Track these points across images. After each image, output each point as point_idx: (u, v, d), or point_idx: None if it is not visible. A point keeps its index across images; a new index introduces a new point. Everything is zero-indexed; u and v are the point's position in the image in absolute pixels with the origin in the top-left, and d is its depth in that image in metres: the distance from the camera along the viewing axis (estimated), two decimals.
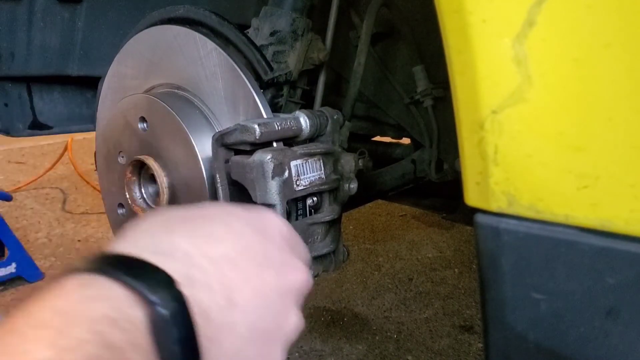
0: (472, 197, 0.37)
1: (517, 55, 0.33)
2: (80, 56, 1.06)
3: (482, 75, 0.34)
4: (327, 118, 0.68)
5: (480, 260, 0.38)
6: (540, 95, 0.33)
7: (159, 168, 0.68)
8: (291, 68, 0.76)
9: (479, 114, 0.35)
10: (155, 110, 0.69)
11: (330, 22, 0.84)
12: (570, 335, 0.35)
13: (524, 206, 0.34)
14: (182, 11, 0.73)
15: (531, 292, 0.35)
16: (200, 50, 0.67)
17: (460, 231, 2.27)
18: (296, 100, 0.80)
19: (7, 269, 1.77)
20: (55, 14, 1.00)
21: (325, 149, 0.67)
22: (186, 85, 0.70)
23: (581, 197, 0.33)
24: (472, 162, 0.36)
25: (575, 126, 0.32)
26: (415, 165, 1.03)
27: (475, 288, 1.76)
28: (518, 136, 0.34)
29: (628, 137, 0.31)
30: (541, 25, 0.32)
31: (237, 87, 0.65)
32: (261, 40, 0.76)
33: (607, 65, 0.31)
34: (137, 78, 0.76)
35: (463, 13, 0.34)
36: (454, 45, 0.36)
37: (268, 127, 0.59)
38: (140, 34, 0.75)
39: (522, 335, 0.37)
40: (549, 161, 0.33)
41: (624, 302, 0.32)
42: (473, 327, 1.53)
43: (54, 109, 1.17)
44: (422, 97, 0.98)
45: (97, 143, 0.82)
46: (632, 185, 0.31)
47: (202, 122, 0.68)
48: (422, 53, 0.97)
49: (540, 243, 0.34)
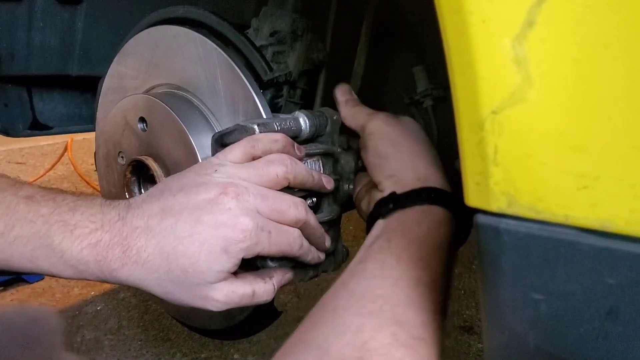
0: (472, 197, 0.37)
1: (517, 56, 0.33)
2: (80, 56, 1.06)
3: (482, 75, 0.34)
4: (327, 118, 0.68)
5: (480, 261, 0.38)
6: (540, 96, 0.33)
7: (158, 168, 0.68)
8: (291, 68, 0.76)
9: (478, 115, 0.35)
10: (154, 111, 0.69)
11: (330, 22, 0.84)
12: (570, 336, 0.35)
13: (524, 206, 0.34)
14: (182, 11, 0.73)
15: (531, 293, 0.35)
16: (200, 50, 0.67)
17: None
18: (296, 100, 0.80)
19: None
20: (55, 14, 1.00)
21: (325, 149, 0.67)
22: (186, 86, 0.70)
23: (581, 197, 0.32)
24: (472, 162, 0.36)
25: (575, 126, 0.32)
26: None
27: (475, 288, 1.75)
28: (518, 136, 0.34)
29: (628, 137, 0.31)
30: (541, 26, 0.32)
31: (236, 88, 0.65)
32: (261, 40, 0.76)
33: (607, 66, 0.31)
34: (137, 78, 0.76)
35: (463, 13, 0.34)
36: (453, 46, 0.36)
37: (267, 127, 0.59)
38: (140, 34, 0.75)
39: (522, 335, 0.37)
40: (548, 161, 0.33)
41: (624, 302, 0.32)
42: (473, 328, 1.53)
43: (53, 109, 1.17)
44: (422, 98, 0.98)
45: (97, 143, 0.82)
46: (632, 185, 0.31)
47: (202, 123, 0.68)
48: (422, 53, 0.97)
49: (540, 243, 0.34)
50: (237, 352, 1.44)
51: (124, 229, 0.49)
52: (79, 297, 1.77)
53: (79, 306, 1.71)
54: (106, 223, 0.49)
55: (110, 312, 1.66)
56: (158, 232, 0.49)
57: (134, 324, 1.60)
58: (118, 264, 0.49)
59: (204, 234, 0.49)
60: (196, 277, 0.49)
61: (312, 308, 0.51)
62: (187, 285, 0.50)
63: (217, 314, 0.53)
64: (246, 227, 0.49)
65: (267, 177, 0.54)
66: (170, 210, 0.50)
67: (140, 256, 0.49)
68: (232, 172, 0.53)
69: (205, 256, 0.49)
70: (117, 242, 0.49)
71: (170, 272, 0.49)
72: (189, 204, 0.50)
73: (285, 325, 1.56)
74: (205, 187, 0.51)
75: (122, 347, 1.48)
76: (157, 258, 0.49)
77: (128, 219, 0.50)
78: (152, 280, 0.50)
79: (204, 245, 0.49)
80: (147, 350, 1.46)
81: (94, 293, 1.80)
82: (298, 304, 1.62)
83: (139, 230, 0.49)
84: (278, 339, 1.50)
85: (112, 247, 0.49)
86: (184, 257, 0.49)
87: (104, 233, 0.49)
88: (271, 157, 0.56)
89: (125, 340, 1.51)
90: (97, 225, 0.49)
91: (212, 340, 1.47)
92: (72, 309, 1.69)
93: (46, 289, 1.82)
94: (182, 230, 0.49)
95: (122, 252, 0.49)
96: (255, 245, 0.50)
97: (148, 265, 0.49)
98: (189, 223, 0.49)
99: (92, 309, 1.69)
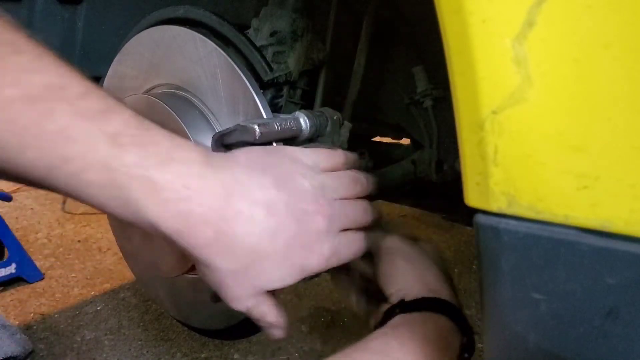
0: (472, 197, 0.37)
1: (517, 56, 0.33)
2: (80, 56, 1.06)
3: (482, 75, 0.34)
4: (327, 119, 0.68)
5: (480, 261, 0.38)
6: (540, 96, 0.33)
7: None
8: (291, 68, 0.76)
9: (478, 115, 0.35)
10: (155, 111, 0.69)
11: (330, 22, 0.84)
12: (570, 336, 0.35)
13: (524, 206, 0.34)
14: (182, 11, 0.73)
15: (531, 293, 0.35)
16: (200, 50, 0.67)
17: (460, 231, 2.27)
18: (296, 100, 0.80)
19: (7, 270, 1.78)
20: (55, 14, 1.00)
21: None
22: (186, 86, 0.70)
23: (581, 197, 0.32)
24: (472, 162, 0.36)
25: (575, 126, 0.32)
26: (415, 166, 1.02)
27: (475, 288, 1.75)
28: (518, 136, 0.34)
29: (628, 137, 0.31)
30: (541, 26, 0.32)
31: (236, 88, 0.65)
32: (261, 40, 0.76)
33: (607, 66, 0.31)
34: (137, 78, 0.76)
35: (463, 13, 0.34)
36: (453, 46, 0.36)
37: (268, 127, 0.59)
38: (140, 34, 0.75)
39: (522, 335, 0.37)
40: (548, 161, 0.33)
41: (624, 302, 0.32)
42: (473, 328, 1.53)
43: None
44: (422, 98, 0.98)
45: None
46: (632, 185, 0.31)
47: (202, 123, 0.68)
48: (422, 53, 0.97)
49: (540, 243, 0.34)
50: (237, 352, 1.44)
51: (227, 211, 0.45)
52: (79, 297, 1.77)
53: (79, 306, 1.71)
54: (205, 194, 0.44)
55: (110, 312, 1.66)
56: (259, 230, 0.47)
57: (134, 324, 1.60)
58: (203, 242, 0.45)
59: (292, 250, 0.49)
60: (263, 282, 0.50)
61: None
62: (248, 284, 0.49)
63: (217, 314, 0.53)
64: (325, 255, 0.51)
65: (351, 193, 0.57)
66: (274, 206, 0.48)
67: (231, 245, 0.46)
68: (326, 183, 0.54)
69: (285, 270, 0.50)
70: (212, 222, 0.44)
71: (246, 271, 0.48)
72: (290, 208, 0.49)
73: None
74: (304, 195, 0.51)
75: (122, 347, 1.48)
76: (245, 255, 0.47)
77: (234, 200, 0.45)
78: (226, 270, 0.47)
79: (287, 260, 0.49)
80: (147, 350, 1.46)
81: (94, 293, 1.80)
82: (298, 304, 1.62)
83: (242, 217, 0.46)
84: (278, 339, 1.50)
85: (205, 225, 0.44)
86: (267, 260, 0.48)
87: (199, 206, 0.43)
88: (355, 176, 0.58)
89: (125, 340, 1.51)
90: (190, 192, 0.43)
91: (212, 340, 1.47)
92: (72, 309, 1.69)
93: (46, 289, 1.82)
94: (280, 237, 0.48)
95: (215, 234, 0.45)
96: (323, 268, 0.53)
97: (232, 257, 0.46)
98: (286, 232, 0.49)
99: (92, 309, 1.69)
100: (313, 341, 1.49)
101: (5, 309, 1.68)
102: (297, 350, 1.45)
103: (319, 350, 1.45)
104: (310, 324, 1.55)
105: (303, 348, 1.46)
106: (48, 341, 1.51)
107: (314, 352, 1.44)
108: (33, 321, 1.62)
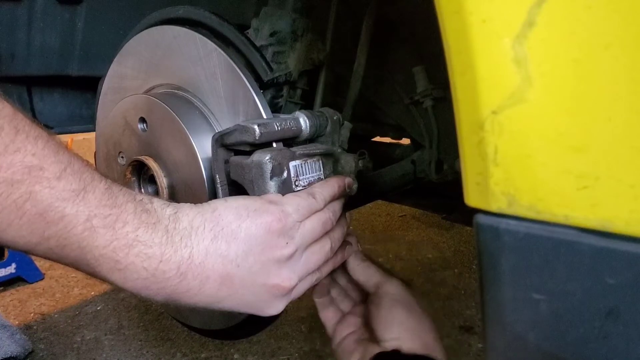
0: (472, 197, 0.37)
1: (517, 56, 0.33)
2: (80, 56, 1.06)
3: (482, 75, 0.34)
4: (327, 119, 0.68)
5: (480, 261, 0.38)
6: (540, 96, 0.33)
7: (158, 169, 0.68)
8: (291, 68, 0.76)
9: (478, 115, 0.35)
10: (155, 111, 0.69)
11: (330, 23, 0.84)
12: (570, 336, 0.35)
13: (524, 206, 0.34)
14: (182, 12, 0.73)
15: (531, 293, 0.35)
16: (200, 50, 0.67)
17: (460, 232, 2.27)
18: (296, 100, 0.80)
19: (7, 270, 1.78)
20: (55, 15, 1.00)
21: (325, 149, 0.67)
22: (186, 86, 0.70)
23: (581, 197, 0.33)
24: (472, 162, 0.36)
25: (575, 126, 0.32)
26: (415, 166, 1.02)
27: (475, 288, 1.75)
28: (518, 137, 0.34)
29: (628, 138, 0.31)
30: (541, 26, 0.32)
31: (236, 88, 0.65)
32: (261, 40, 0.76)
33: (607, 66, 0.31)
34: (137, 78, 0.76)
35: (463, 13, 0.34)
36: (453, 46, 0.36)
37: (268, 127, 0.59)
38: (140, 35, 0.75)
39: (522, 335, 0.37)
40: (548, 161, 0.33)
41: (624, 302, 0.32)
42: (473, 328, 1.53)
43: (54, 109, 1.17)
44: (422, 98, 0.98)
45: (97, 143, 0.82)
46: (632, 185, 0.31)
47: (202, 123, 0.68)
48: (422, 53, 0.97)
49: (540, 243, 0.34)
50: (237, 352, 1.44)
51: (179, 287, 0.50)
52: (79, 297, 1.78)
53: (79, 306, 1.71)
54: (160, 275, 0.49)
55: (110, 312, 1.66)
56: (207, 302, 0.52)
57: (134, 324, 1.60)
58: (162, 301, 0.51)
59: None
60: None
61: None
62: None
63: (217, 313, 0.53)
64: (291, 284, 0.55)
65: (319, 234, 0.59)
66: (229, 281, 0.52)
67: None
68: (303, 241, 0.56)
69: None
70: (165, 294, 0.50)
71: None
72: (245, 283, 0.53)
73: (285, 325, 1.56)
74: (266, 270, 0.54)
75: (122, 347, 1.48)
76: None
77: (187, 278, 0.50)
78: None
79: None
80: (147, 350, 1.46)
81: (94, 293, 1.80)
82: (298, 304, 1.62)
83: (190, 292, 0.51)
84: (278, 339, 1.50)
85: (158, 297, 0.50)
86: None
87: (155, 284, 0.49)
88: (326, 218, 0.59)
89: (125, 340, 1.51)
90: (148, 274, 0.48)
91: (212, 340, 1.47)
92: (72, 309, 1.69)
93: (46, 289, 1.82)
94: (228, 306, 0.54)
95: (166, 301, 0.51)
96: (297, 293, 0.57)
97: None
98: (237, 300, 0.54)
99: (92, 309, 1.69)
100: (313, 341, 1.49)
101: (5, 309, 1.68)
102: (297, 350, 1.45)
103: (318, 350, 1.45)
104: (310, 324, 1.55)
105: (303, 348, 1.46)
106: (48, 341, 1.51)
107: (314, 352, 1.44)
108: (33, 321, 1.62)
